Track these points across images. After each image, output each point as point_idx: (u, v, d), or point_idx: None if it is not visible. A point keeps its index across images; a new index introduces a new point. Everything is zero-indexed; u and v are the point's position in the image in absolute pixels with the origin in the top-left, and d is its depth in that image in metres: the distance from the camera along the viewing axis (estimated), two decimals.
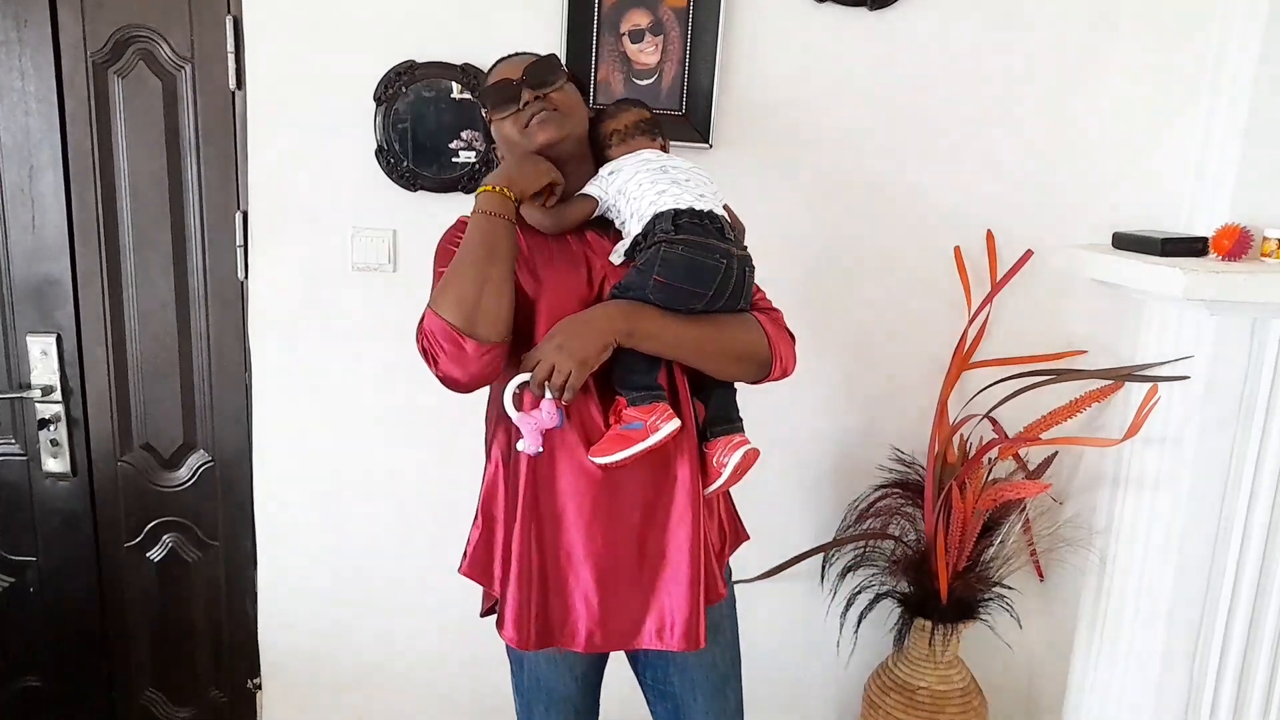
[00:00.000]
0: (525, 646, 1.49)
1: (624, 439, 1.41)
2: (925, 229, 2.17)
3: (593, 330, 1.39)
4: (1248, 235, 1.81)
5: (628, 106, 1.59)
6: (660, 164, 1.50)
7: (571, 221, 1.51)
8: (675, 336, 1.44)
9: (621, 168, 1.51)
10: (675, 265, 1.41)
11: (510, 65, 1.53)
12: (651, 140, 1.57)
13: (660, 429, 1.40)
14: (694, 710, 1.63)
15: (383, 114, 2.01)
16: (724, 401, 1.56)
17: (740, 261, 1.47)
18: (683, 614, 1.48)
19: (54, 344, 2.19)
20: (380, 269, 2.11)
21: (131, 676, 2.40)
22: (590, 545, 1.47)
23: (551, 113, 1.47)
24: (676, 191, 1.46)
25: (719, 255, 1.43)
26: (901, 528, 2.21)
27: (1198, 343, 1.86)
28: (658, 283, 1.41)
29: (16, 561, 2.32)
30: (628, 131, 1.55)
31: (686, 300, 1.43)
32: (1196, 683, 1.98)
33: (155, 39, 2.07)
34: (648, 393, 1.43)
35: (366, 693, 2.33)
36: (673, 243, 1.41)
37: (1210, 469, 1.89)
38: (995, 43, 2.09)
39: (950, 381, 2.14)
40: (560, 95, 1.50)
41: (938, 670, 2.15)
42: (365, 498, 2.22)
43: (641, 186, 1.47)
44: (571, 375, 1.37)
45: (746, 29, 2.04)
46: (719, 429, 1.53)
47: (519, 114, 1.48)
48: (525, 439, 1.40)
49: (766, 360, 1.52)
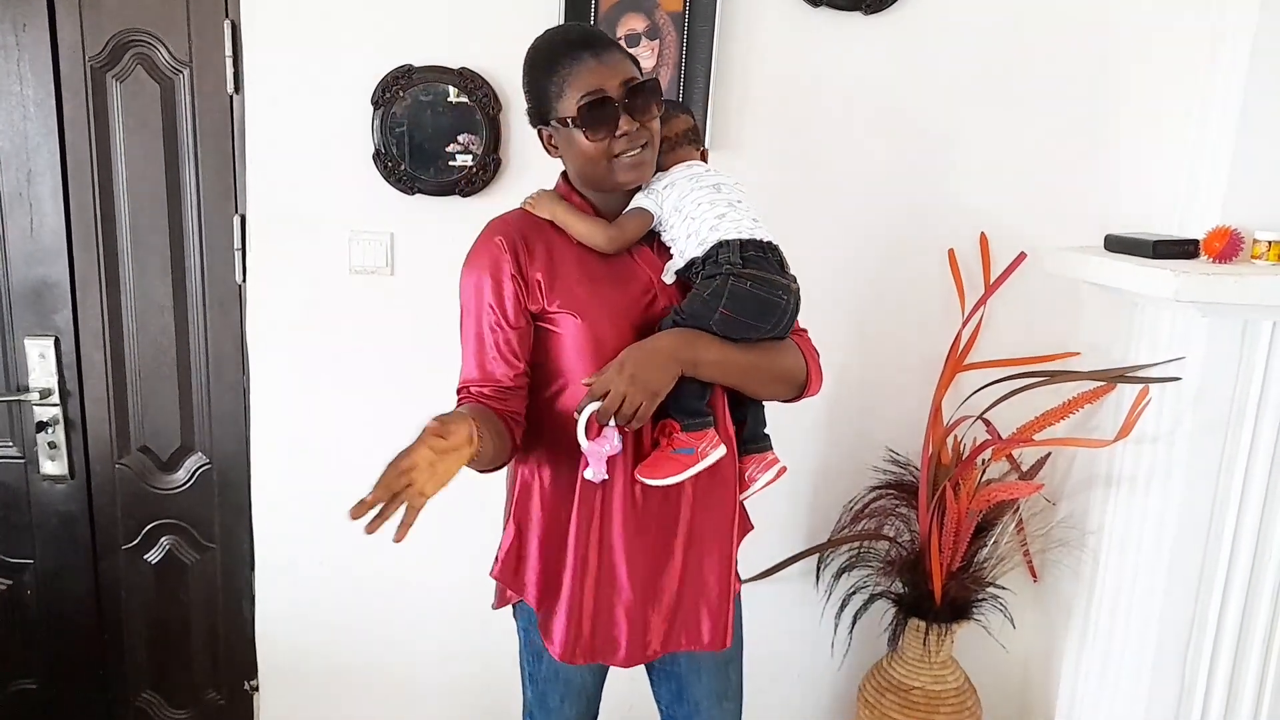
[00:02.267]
0: (571, 661, 1.51)
1: (676, 462, 1.43)
2: (919, 231, 2.18)
3: (662, 361, 1.38)
4: (1239, 238, 1.82)
5: (677, 113, 1.53)
6: (713, 181, 1.47)
7: (632, 239, 1.47)
8: (733, 364, 1.45)
9: (675, 182, 1.46)
10: (743, 300, 1.42)
11: (602, 71, 1.37)
12: (696, 149, 1.54)
13: (710, 455, 1.44)
14: (697, 689, 1.65)
15: (380, 118, 2.02)
16: (757, 420, 1.62)
17: (795, 295, 1.48)
18: (713, 621, 1.54)
19: (52, 347, 2.19)
20: (378, 272, 2.11)
21: (128, 678, 2.41)
22: (633, 563, 1.49)
23: (645, 150, 1.40)
24: (735, 217, 1.44)
25: (781, 292, 1.45)
26: (896, 528, 2.22)
27: (1189, 344, 1.87)
28: (724, 315, 1.42)
29: (14, 564, 2.33)
30: (677, 140, 1.50)
31: (746, 331, 1.45)
32: (1188, 683, 1.99)
33: (153, 43, 2.07)
34: (701, 420, 1.45)
35: (363, 695, 2.34)
36: (740, 277, 1.42)
37: (1202, 470, 1.90)
38: (988, 47, 2.10)
39: (944, 383, 2.15)
40: (654, 124, 1.41)
41: (932, 670, 2.16)
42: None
43: (700, 206, 1.44)
44: (642, 407, 1.37)
45: (742, 33, 2.05)
46: (753, 446, 1.59)
47: (614, 140, 1.38)
48: (592, 467, 1.40)
49: (803, 382, 1.56)
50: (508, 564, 1.56)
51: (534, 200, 1.50)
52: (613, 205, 1.49)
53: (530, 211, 1.49)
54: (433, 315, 2.04)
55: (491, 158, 2.06)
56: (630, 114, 1.37)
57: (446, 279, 2.00)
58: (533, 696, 1.69)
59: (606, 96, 1.36)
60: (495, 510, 2.21)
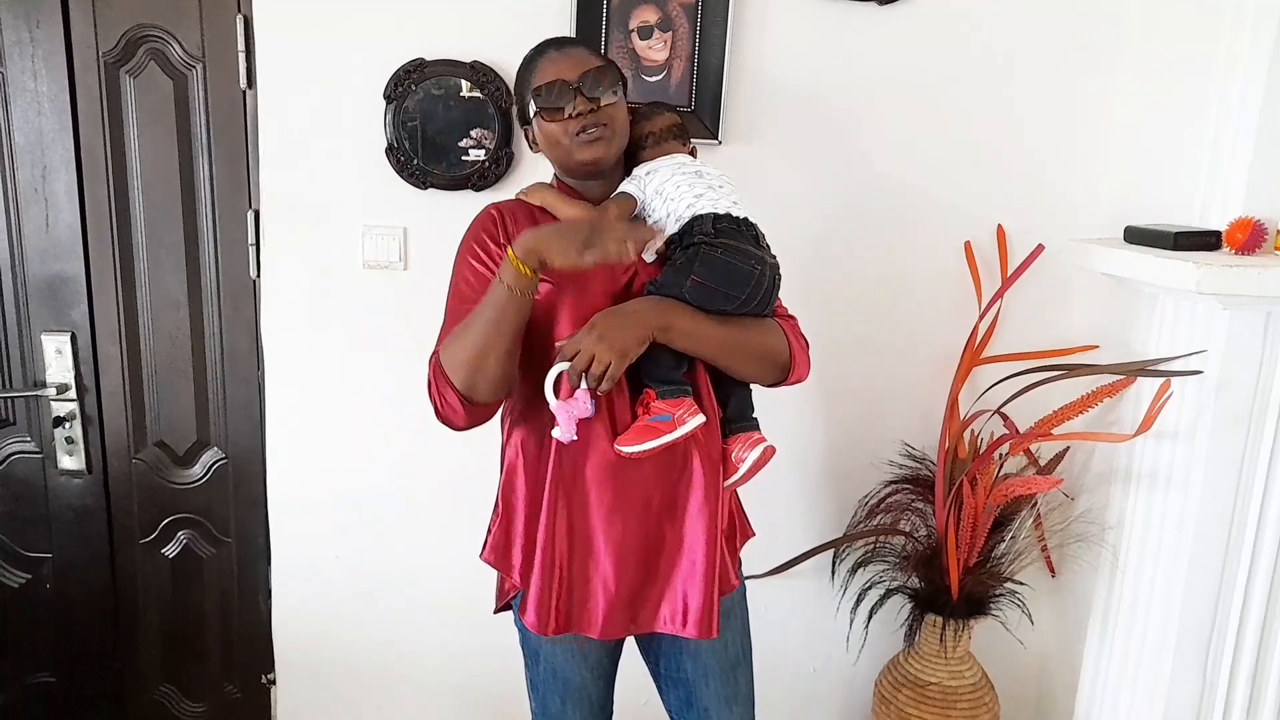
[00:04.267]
0: (545, 632, 1.51)
1: (652, 430, 1.45)
2: (935, 223, 2.16)
3: (632, 323, 1.42)
4: (1261, 229, 1.79)
5: (661, 110, 1.62)
6: (694, 168, 1.55)
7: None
8: (707, 334, 1.47)
9: (658, 169, 1.54)
10: (713, 267, 1.46)
11: (563, 61, 1.49)
12: (682, 145, 1.60)
13: (687, 422, 1.44)
14: (706, 694, 1.64)
15: (393, 112, 2.02)
16: (743, 401, 1.61)
17: (772, 269, 1.52)
18: (697, 602, 1.51)
19: (68, 342, 2.20)
20: (391, 266, 2.11)
21: (145, 672, 2.42)
22: (610, 533, 1.50)
23: (603, 129, 1.48)
24: (713, 196, 1.51)
25: (754, 261, 1.48)
26: (912, 523, 2.20)
27: (1210, 337, 1.84)
28: (695, 283, 1.45)
29: (31, 558, 2.34)
30: (661, 135, 1.58)
31: (720, 302, 1.48)
32: (1210, 679, 1.97)
33: (167, 38, 2.08)
34: (676, 387, 1.47)
35: (380, 687, 2.35)
36: (713, 245, 1.47)
37: (1223, 464, 1.88)
38: (1003, 37, 2.08)
39: (961, 377, 2.13)
40: (613, 109, 1.49)
41: (949, 666, 2.15)
42: (377, 493, 2.23)
43: (680, 188, 1.51)
44: (611, 366, 1.39)
45: (755, 25, 2.04)
46: (737, 426, 1.58)
47: (569, 121, 1.47)
48: (560, 427, 1.43)
49: (786, 364, 1.57)
50: (496, 546, 1.59)
51: (527, 190, 1.60)
52: (600, 195, 1.57)
53: (524, 199, 1.59)
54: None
55: (504, 152, 2.05)
56: (585, 97, 1.46)
57: None
58: (535, 704, 1.70)
59: (562, 80, 1.46)
60: None
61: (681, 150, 1.60)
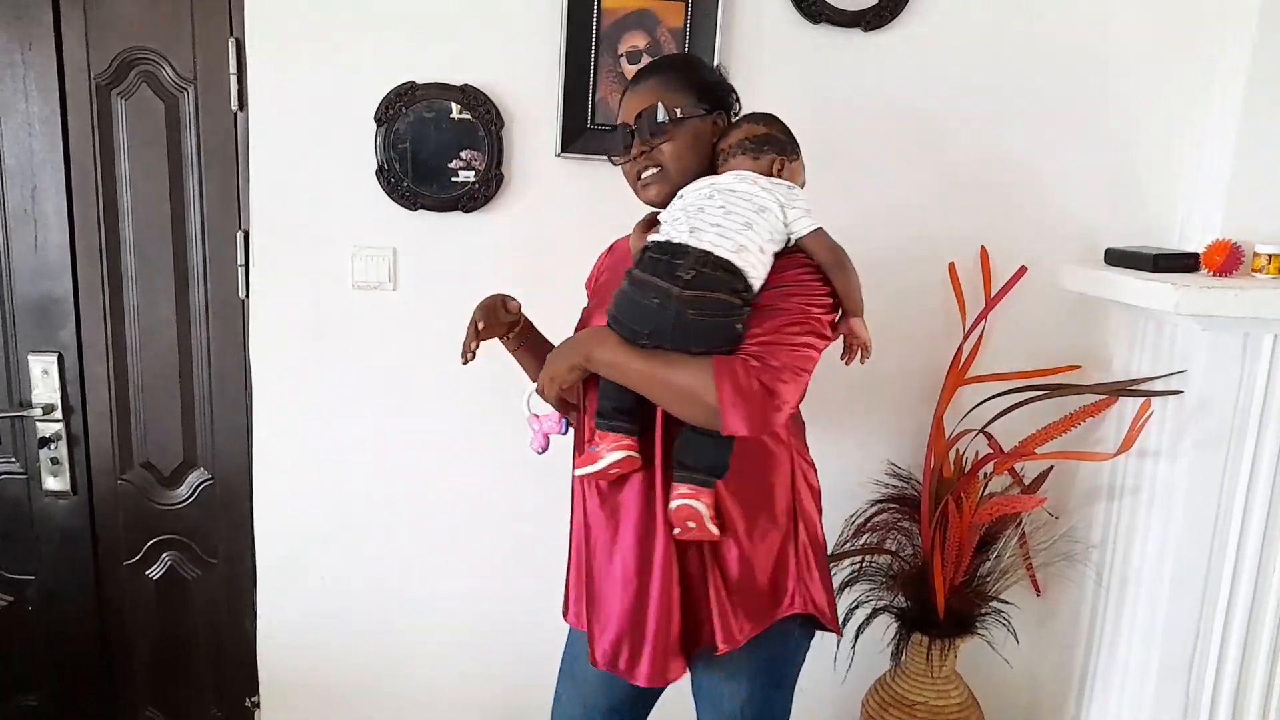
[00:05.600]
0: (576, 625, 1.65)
1: (589, 458, 1.47)
2: (919, 246, 2.18)
3: (565, 351, 1.49)
4: (1239, 251, 1.83)
5: (741, 123, 1.55)
6: (709, 190, 1.45)
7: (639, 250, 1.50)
8: (629, 366, 1.41)
9: (688, 190, 1.48)
10: (619, 302, 1.43)
11: (630, 101, 1.53)
12: (753, 160, 1.49)
13: (604, 457, 1.45)
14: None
15: (383, 134, 2.03)
16: (688, 446, 1.45)
17: (681, 303, 1.36)
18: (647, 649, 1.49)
19: (55, 363, 2.20)
20: (381, 288, 2.12)
21: (131, 695, 2.40)
22: (598, 566, 1.55)
23: (656, 171, 1.50)
24: (682, 223, 1.42)
25: (654, 295, 1.38)
26: (898, 543, 2.21)
27: (1190, 358, 1.87)
28: (611, 314, 1.44)
29: (16, 580, 2.32)
30: (730, 151, 1.51)
31: (631, 336, 1.41)
32: (1193, 696, 1.98)
33: (158, 61, 2.09)
34: (606, 421, 1.47)
35: (366, 711, 2.33)
36: (628, 276, 1.44)
37: (1204, 482, 1.90)
38: (987, 63, 2.12)
39: (946, 397, 2.15)
40: (670, 146, 1.49)
41: (935, 685, 2.16)
42: (365, 516, 2.23)
43: (671, 211, 1.47)
44: (545, 388, 1.50)
45: (742, 49, 2.06)
46: (680, 474, 1.44)
47: (630, 164, 1.53)
48: (533, 436, 1.58)
49: (711, 407, 1.35)
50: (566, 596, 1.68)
51: None
52: None
53: None
54: (435, 331, 2.04)
55: (494, 174, 2.07)
56: (639, 139, 1.50)
57: (449, 294, 2.01)
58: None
59: (625, 124, 1.53)
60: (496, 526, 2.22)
61: (749, 166, 1.49)
